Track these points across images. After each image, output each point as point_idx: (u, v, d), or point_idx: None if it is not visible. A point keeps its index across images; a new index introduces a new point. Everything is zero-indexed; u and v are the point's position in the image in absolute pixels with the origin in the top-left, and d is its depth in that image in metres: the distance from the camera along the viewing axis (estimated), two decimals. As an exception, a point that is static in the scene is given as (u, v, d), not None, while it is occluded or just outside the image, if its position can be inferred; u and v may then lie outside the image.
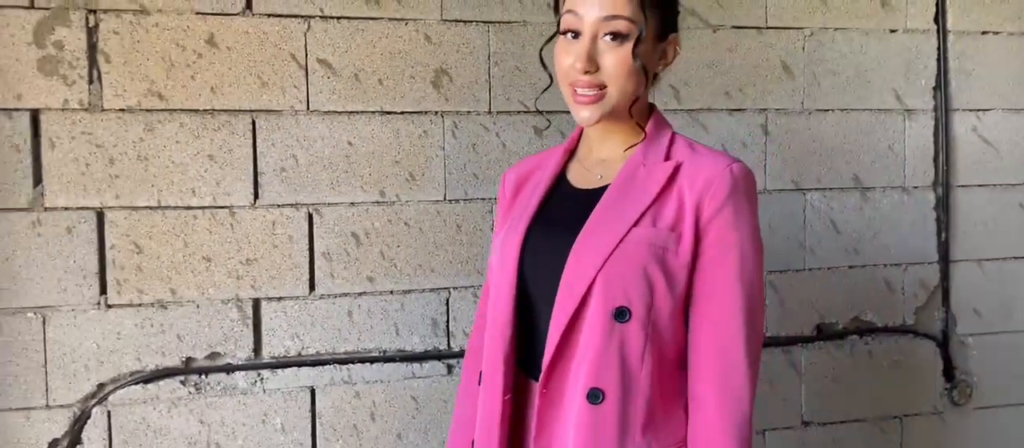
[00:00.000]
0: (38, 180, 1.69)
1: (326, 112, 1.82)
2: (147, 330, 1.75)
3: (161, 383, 1.77)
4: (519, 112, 1.92)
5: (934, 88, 2.17)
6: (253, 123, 1.78)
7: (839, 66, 2.11)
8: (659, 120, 1.29)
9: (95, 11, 1.69)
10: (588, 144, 1.32)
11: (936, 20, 2.16)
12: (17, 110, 1.67)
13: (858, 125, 2.13)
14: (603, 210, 1.19)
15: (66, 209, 1.70)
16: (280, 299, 1.82)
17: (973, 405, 2.25)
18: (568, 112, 1.24)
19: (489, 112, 1.91)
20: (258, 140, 1.79)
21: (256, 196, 1.79)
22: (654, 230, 1.16)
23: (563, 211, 1.25)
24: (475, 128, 1.91)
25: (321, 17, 1.80)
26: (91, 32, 1.69)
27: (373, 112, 1.84)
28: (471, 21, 1.89)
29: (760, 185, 2.07)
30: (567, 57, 1.19)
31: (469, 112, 1.90)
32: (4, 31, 1.65)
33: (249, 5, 1.77)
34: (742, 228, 1.18)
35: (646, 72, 1.20)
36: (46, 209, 1.69)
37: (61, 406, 1.72)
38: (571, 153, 1.35)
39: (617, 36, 1.16)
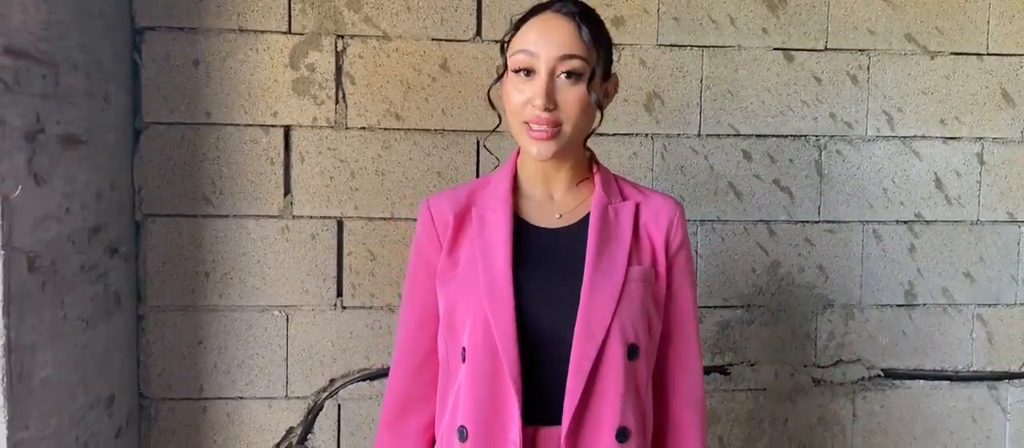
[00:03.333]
0: (288, 190, 1.85)
1: (545, 133, 1.90)
2: (376, 331, 1.89)
3: (385, 381, 1.89)
4: (729, 136, 1.95)
5: None
6: (478, 143, 1.89)
7: (1064, 94, 2.03)
8: (595, 159, 1.33)
9: (343, 36, 1.83)
10: (536, 181, 1.29)
11: None
12: (273, 126, 1.84)
13: (1082, 156, 2.04)
14: (596, 251, 1.21)
15: (311, 218, 1.86)
16: (495, 309, 1.92)
17: None
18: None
19: (698, 135, 1.95)
20: (481, 158, 1.89)
21: (478, 211, 1.89)
22: (642, 268, 1.23)
23: (543, 253, 1.24)
24: (684, 150, 1.95)
25: (545, 42, 1.88)
26: (339, 56, 1.84)
27: (588, 134, 1.91)
28: (686, 46, 1.93)
29: (973, 216, 2.02)
30: (520, 94, 1.19)
31: (678, 135, 1.94)
32: (265, 54, 1.82)
33: (479, 32, 1.87)
34: (692, 263, 1.32)
35: (600, 108, 1.23)
36: (294, 217, 1.85)
37: (298, 397, 1.88)
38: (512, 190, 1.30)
39: (572, 74, 1.17)
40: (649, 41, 1.92)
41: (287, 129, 1.84)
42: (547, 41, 1.17)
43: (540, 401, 1.18)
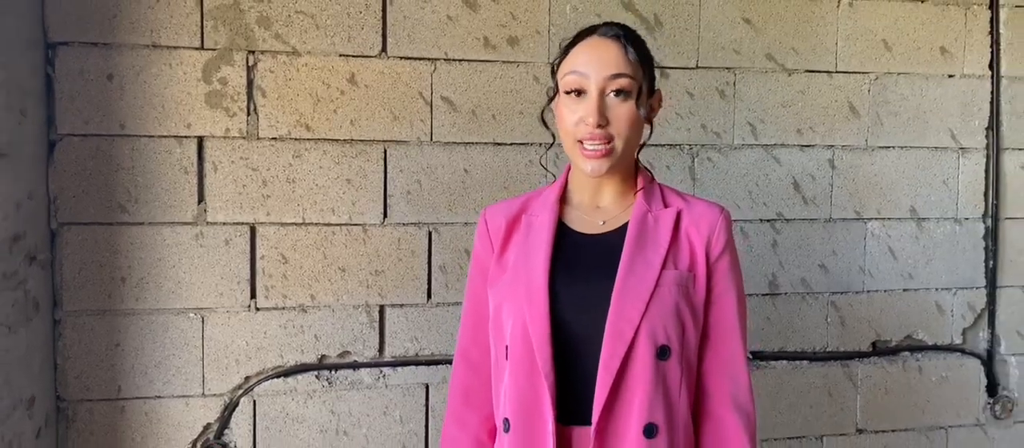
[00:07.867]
0: (201, 198, 1.95)
1: (446, 143, 2.06)
2: (289, 330, 2.01)
3: (299, 377, 2.02)
4: (613, 145, 2.15)
5: (987, 128, 2.38)
6: (385, 152, 2.03)
7: (900, 107, 2.32)
8: (644, 170, 1.40)
9: (255, 52, 1.95)
10: (584, 191, 1.37)
11: (990, 66, 2.37)
12: (186, 137, 1.93)
13: (916, 161, 2.34)
14: (631, 255, 1.28)
15: (224, 224, 1.96)
16: (402, 306, 2.07)
17: (1014, 420, 2.46)
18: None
19: (586, 144, 2.14)
20: (389, 167, 2.03)
21: (385, 215, 2.04)
22: (677, 272, 1.29)
23: (581, 257, 1.32)
24: (574, 158, 2.14)
25: (445, 60, 2.04)
26: (250, 70, 1.95)
27: (486, 143, 2.08)
28: (574, 63, 2.12)
29: (826, 214, 2.29)
30: (573, 114, 1.27)
31: (569, 144, 2.13)
32: (178, 69, 1.91)
33: (385, 48, 2.01)
34: (737, 268, 1.36)
35: (648, 121, 1.32)
36: (208, 224, 1.95)
37: (214, 395, 1.98)
38: (560, 199, 1.40)
39: (621, 92, 1.26)
40: (541, 59, 2.10)
41: (200, 140, 1.94)
42: (597, 62, 1.26)
43: (576, 399, 1.25)
